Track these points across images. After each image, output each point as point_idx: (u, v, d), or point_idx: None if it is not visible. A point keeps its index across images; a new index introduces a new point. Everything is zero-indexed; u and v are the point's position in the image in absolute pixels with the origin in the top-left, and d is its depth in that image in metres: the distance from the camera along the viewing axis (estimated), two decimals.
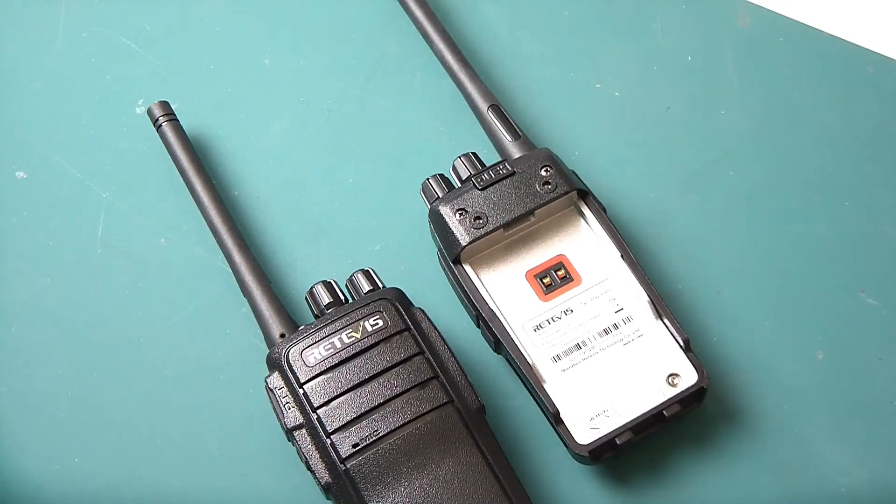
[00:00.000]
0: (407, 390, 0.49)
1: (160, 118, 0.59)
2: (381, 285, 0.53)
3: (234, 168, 0.61)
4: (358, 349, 0.50)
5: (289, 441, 0.51)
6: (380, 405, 0.49)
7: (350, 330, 0.51)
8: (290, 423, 0.50)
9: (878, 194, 0.58)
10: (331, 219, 0.59)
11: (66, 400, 0.55)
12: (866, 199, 0.58)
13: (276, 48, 0.64)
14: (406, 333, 0.51)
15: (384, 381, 0.50)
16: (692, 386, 0.51)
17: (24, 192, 0.60)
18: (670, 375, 0.51)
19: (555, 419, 0.50)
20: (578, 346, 0.52)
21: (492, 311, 0.52)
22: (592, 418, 0.50)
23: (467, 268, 0.54)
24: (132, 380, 0.55)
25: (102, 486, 0.53)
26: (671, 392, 0.51)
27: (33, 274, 0.58)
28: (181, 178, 0.57)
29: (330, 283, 0.53)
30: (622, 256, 0.53)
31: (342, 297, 0.53)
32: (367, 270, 0.54)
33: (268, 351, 0.52)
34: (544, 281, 0.54)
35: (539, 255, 0.54)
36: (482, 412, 0.50)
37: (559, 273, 0.54)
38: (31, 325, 0.57)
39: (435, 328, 0.52)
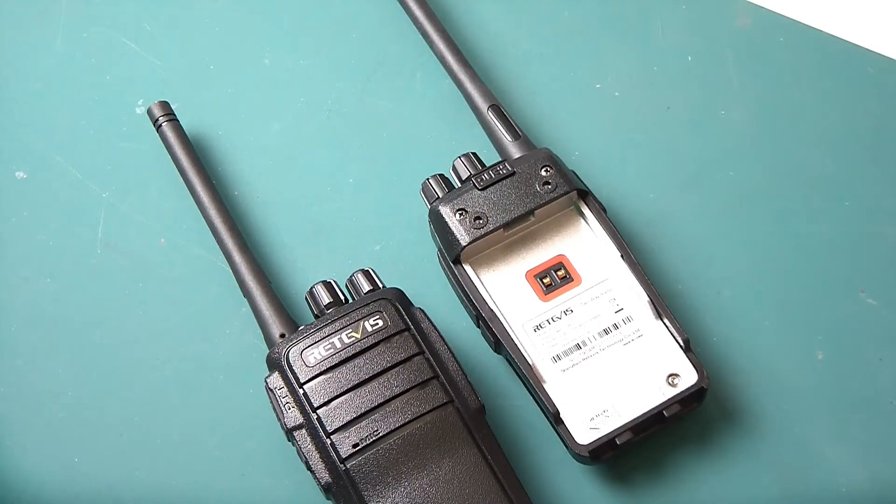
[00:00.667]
0: (407, 390, 0.49)
1: (160, 118, 0.59)
2: (381, 285, 0.53)
3: (234, 168, 0.61)
4: (358, 349, 0.50)
5: (289, 441, 0.51)
6: (380, 405, 0.49)
7: (350, 330, 0.51)
8: (290, 423, 0.50)
9: (878, 194, 0.58)
10: (331, 219, 0.59)
11: (66, 400, 0.55)
12: (866, 199, 0.58)
13: (276, 48, 0.64)
14: (406, 333, 0.51)
15: (384, 381, 0.50)
16: (692, 386, 0.51)
17: (24, 192, 0.60)
18: (670, 375, 0.51)
19: (555, 419, 0.50)
20: (578, 346, 0.52)
21: (492, 311, 0.52)
22: (592, 418, 0.50)
23: (467, 268, 0.54)
24: (132, 380, 0.55)
25: (102, 486, 0.53)
26: (671, 392, 0.51)
27: (33, 274, 0.58)
28: (181, 178, 0.57)
29: (330, 283, 0.53)
30: (622, 256, 0.53)
31: (342, 297, 0.53)
32: (367, 270, 0.54)
33: (268, 351, 0.52)
34: (544, 281, 0.54)
35: (539, 255, 0.54)
36: (482, 412, 0.50)
37: (559, 273, 0.54)
38: (31, 325, 0.57)
39: (435, 328, 0.52)
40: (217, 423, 0.54)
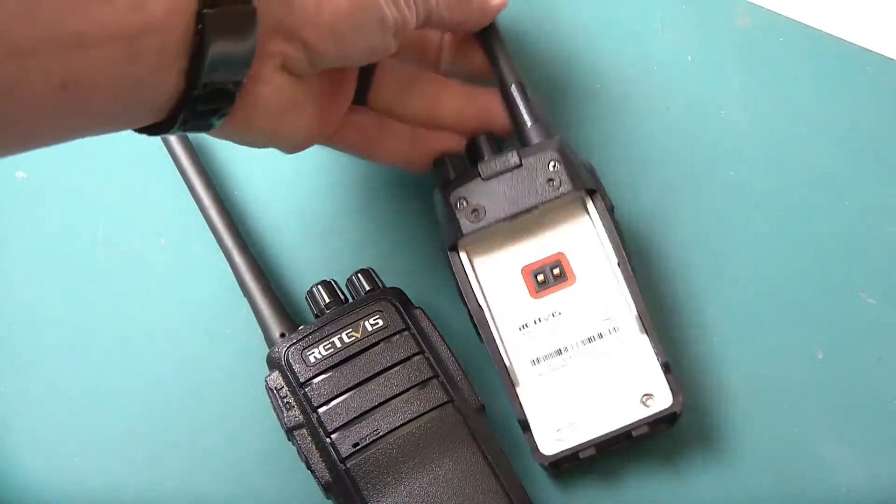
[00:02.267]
0: (407, 390, 0.49)
1: None
2: (381, 285, 0.53)
3: (234, 168, 0.61)
4: (358, 349, 0.50)
5: (289, 441, 0.51)
6: (380, 404, 0.49)
7: (350, 329, 0.51)
8: (290, 423, 0.50)
9: (878, 194, 0.58)
10: (331, 219, 0.59)
11: (66, 400, 0.55)
12: (866, 199, 0.58)
13: None
14: (406, 333, 0.51)
15: (384, 381, 0.50)
16: (664, 409, 0.50)
17: (24, 192, 0.60)
18: (645, 395, 0.50)
19: (522, 426, 0.50)
20: (559, 352, 0.51)
21: (479, 305, 0.51)
22: (559, 429, 0.50)
23: (463, 256, 0.52)
24: (132, 380, 0.55)
25: (102, 486, 0.53)
26: (643, 413, 0.50)
27: (33, 274, 0.58)
28: (181, 178, 0.57)
29: (330, 283, 0.53)
30: (619, 264, 0.52)
31: (342, 297, 0.53)
32: (367, 270, 0.54)
33: (268, 351, 0.52)
34: (538, 278, 0.52)
35: (539, 249, 0.53)
36: (482, 411, 0.50)
37: (555, 271, 0.52)
38: (31, 325, 0.57)
39: (435, 328, 0.52)
40: (217, 423, 0.54)
